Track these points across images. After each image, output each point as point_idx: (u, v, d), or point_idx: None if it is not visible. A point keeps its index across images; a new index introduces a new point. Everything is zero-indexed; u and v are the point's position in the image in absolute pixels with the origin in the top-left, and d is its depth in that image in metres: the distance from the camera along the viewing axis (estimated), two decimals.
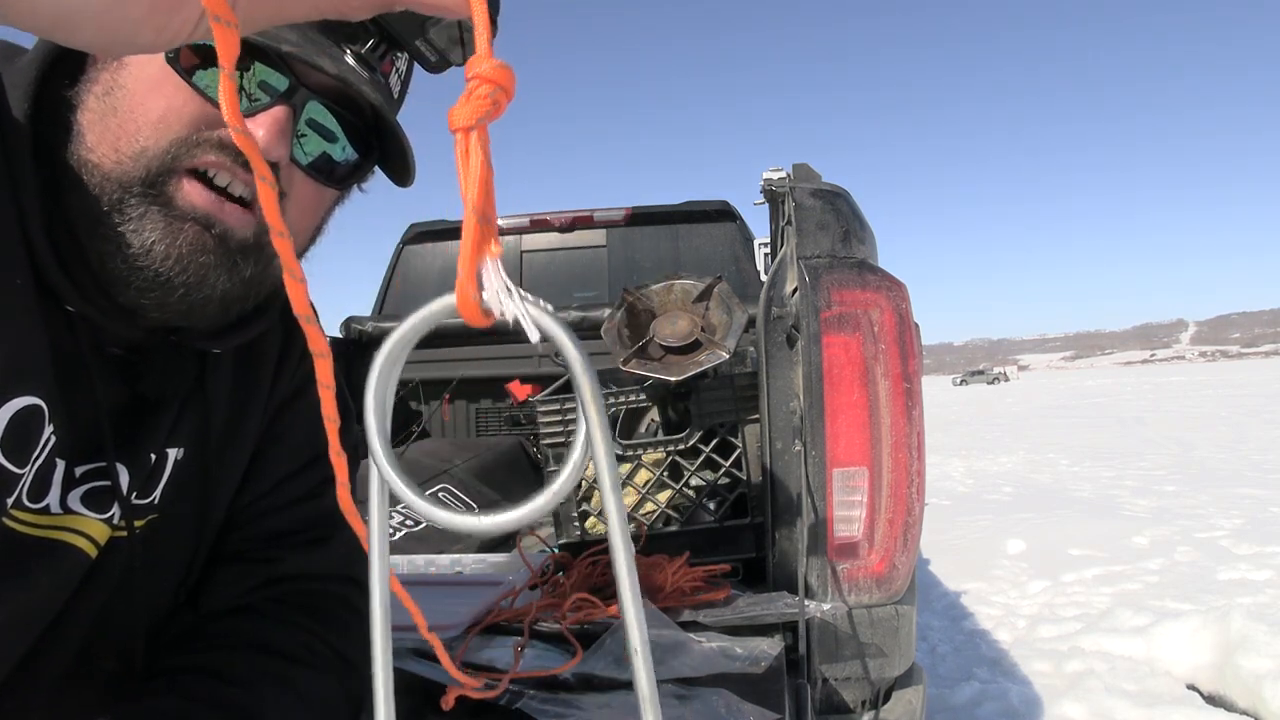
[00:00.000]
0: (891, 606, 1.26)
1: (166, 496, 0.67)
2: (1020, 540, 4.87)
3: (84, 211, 0.54)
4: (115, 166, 0.53)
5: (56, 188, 0.54)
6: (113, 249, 0.54)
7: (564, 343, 0.24)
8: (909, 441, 1.23)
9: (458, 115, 0.22)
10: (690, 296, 1.54)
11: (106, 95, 0.54)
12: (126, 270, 0.54)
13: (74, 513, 0.60)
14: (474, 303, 0.24)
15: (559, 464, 1.60)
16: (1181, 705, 2.49)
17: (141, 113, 0.53)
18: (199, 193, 0.55)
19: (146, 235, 0.54)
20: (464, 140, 0.22)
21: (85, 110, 0.55)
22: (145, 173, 0.53)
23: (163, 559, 0.68)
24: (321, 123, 0.60)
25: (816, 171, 1.39)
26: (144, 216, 0.54)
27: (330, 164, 0.62)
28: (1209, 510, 5.61)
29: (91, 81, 0.56)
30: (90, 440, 0.61)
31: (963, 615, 3.65)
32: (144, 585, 0.66)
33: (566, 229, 3.04)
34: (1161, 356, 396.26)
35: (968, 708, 2.60)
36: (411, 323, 0.26)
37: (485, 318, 0.24)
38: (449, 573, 1.52)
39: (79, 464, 0.60)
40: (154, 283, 0.55)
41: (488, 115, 0.22)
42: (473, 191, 0.23)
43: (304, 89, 0.57)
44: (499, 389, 2.69)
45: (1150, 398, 24.97)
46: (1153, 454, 9.31)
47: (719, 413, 1.48)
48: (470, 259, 0.23)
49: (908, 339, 1.24)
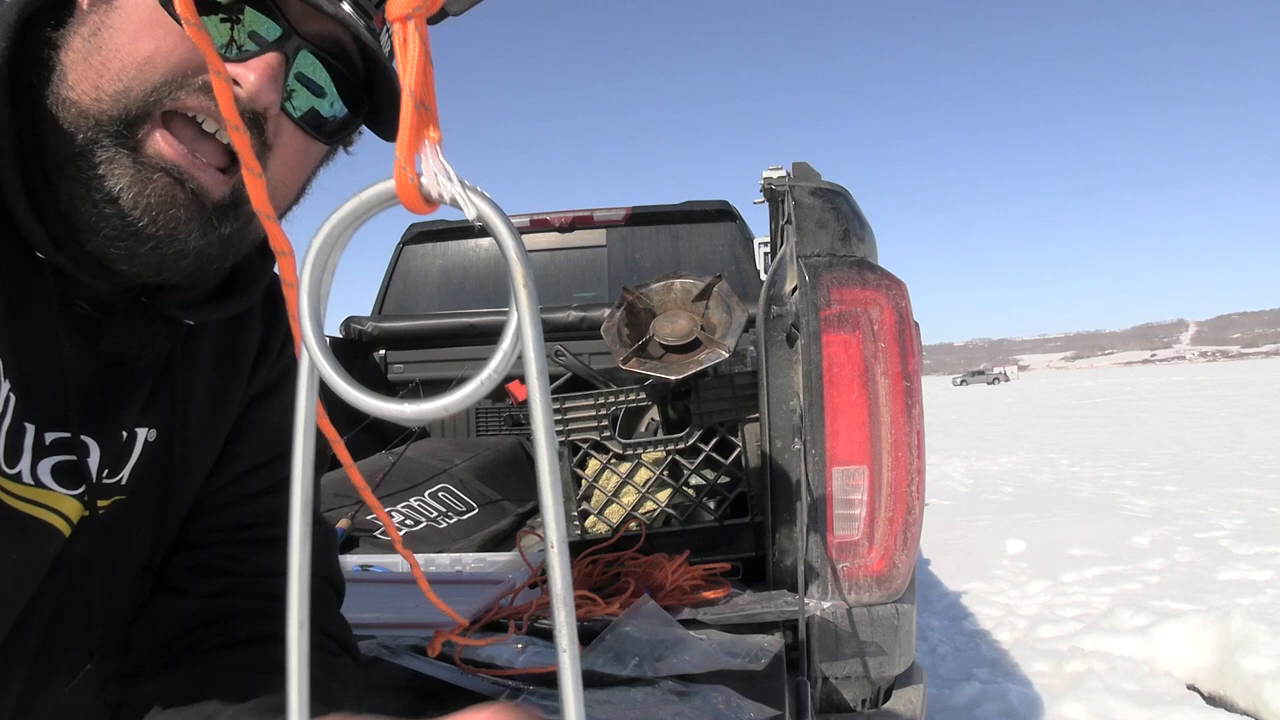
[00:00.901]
0: (891, 605, 1.26)
1: (134, 477, 0.65)
2: (1020, 540, 4.87)
3: (58, 150, 0.53)
4: (93, 104, 0.52)
5: (35, 130, 0.53)
6: (83, 191, 0.53)
7: (497, 225, 0.23)
8: (909, 440, 1.23)
9: (395, 5, 0.22)
10: (690, 295, 1.54)
11: (93, 36, 0.53)
12: (95, 216, 0.53)
13: (45, 486, 0.59)
14: (412, 186, 0.23)
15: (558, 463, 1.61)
16: (1181, 705, 2.49)
17: (129, 52, 0.52)
18: (169, 143, 0.53)
19: (114, 181, 0.52)
20: (402, 29, 0.22)
21: (69, 50, 0.54)
22: (124, 114, 0.52)
23: (127, 543, 0.66)
24: (311, 77, 0.58)
25: (816, 170, 1.39)
26: (113, 161, 0.52)
27: (319, 119, 0.60)
28: (1209, 510, 5.62)
29: (79, 23, 0.54)
30: (56, 405, 0.58)
31: (963, 615, 3.65)
32: (105, 570, 0.64)
33: (566, 229, 3.05)
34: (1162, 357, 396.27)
35: (968, 708, 2.60)
36: (347, 208, 0.25)
37: (425, 204, 0.24)
38: (449, 571, 1.52)
39: (48, 430, 0.58)
40: (123, 231, 0.53)
41: (424, 5, 0.22)
42: (410, 78, 0.23)
43: (297, 36, 0.56)
44: (499, 389, 2.69)
45: (1150, 398, 24.98)
46: (1153, 454, 9.31)
47: (719, 411, 1.48)
48: (409, 144, 0.23)
49: (907, 337, 1.24)
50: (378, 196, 0.25)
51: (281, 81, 0.55)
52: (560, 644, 0.24)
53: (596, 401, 1.53)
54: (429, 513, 1.85)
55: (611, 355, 1.45)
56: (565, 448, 1.56)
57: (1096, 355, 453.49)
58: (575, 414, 1.53)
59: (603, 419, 1.53)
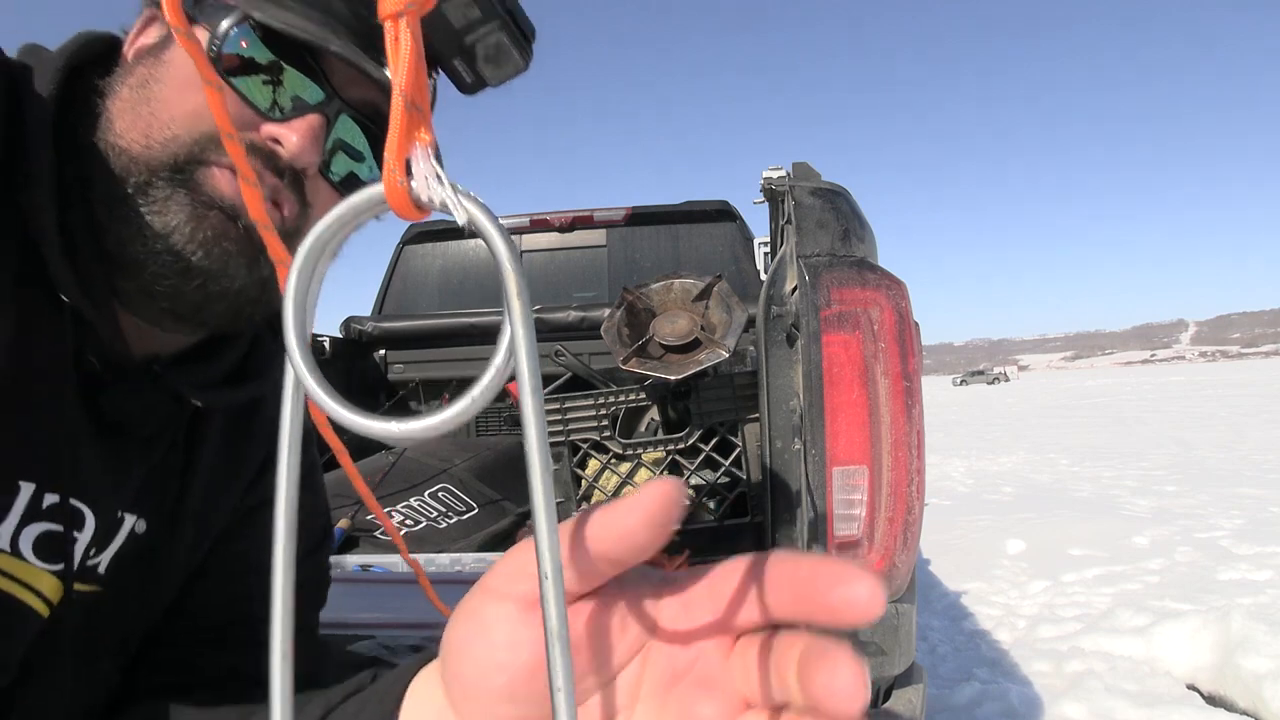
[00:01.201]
0: (891, 605, 1.26)
1: (113, 567, 0.59)
2: (1020, 540, 4.87)
3: (106, 194, 0.53)
4: (143, 151, 0.53)
5: (78, 173, 0.54)
6: (134, 231, 0.53)
7: (489, 231, 0.23)
8: (909, 440, 1.23)
9: (387, 3, 0.22)
10: (690, 295, 1.54)
11: (141, 87, 0.55)
12: (145, 253, 0.53)
13: (22, 558, 0.53)
14: (402, 190, 0.23)
15: (558, 463, 1.60)
16: (1181, 705, 2.49)
17: (177, 104, 0.53)
18: (227, 181, 0.54)
19: (170, 217, 0.53)
20: (394, 27, 0.22)
21: (117, 99, 0.55)
22: (174, 159, 0.53)
23: (98, 635, 0.60)
24: (349, 142, 0.59)
25: (816, 170, 1.39)
26: (170, 199, 0.53)
27: (356, 183, 0.61)
28: (1209, 510, 5.61)
29: (126, 74, 0.56)
30: (55, 463, 0.54)
31: (963, 615, 3.65)
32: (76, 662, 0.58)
33: (566, 229, 3.05)
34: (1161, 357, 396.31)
35: (968, 708, 2.60)
36: (335, 214, 0.24)
37: (416, 209, 0.23)
38: (449, 571, 1.52)
39: (48, 491, 0.53)
40: (172, 267, 0.53)
41: (417, 2, 0.22)
42: (401, 77, 0.22)
43: (338, 100, 0.57)
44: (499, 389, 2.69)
45: (1150, 398, 24.97)
46: (1153, 454, 9.31)
47: (719, 411, 1.48)
48: (399, 146, 0.22)
49: (907, 337, 1.24)
50: (367, 201, 0.24)
51: (322, 143, 0.56)
52: (555, 683, 0.22)
53: (596, 401, 1.53)
54: (429, 513, 1.85)
55: (611, 355, 1.45)
56: (565, 448, 1.56)
57: (1096, 355, 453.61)
58: (575, 414, 1.53)
59: (603, 419, 1.53)
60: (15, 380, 0.51)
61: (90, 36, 0.58)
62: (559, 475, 1.63)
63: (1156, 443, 10.65)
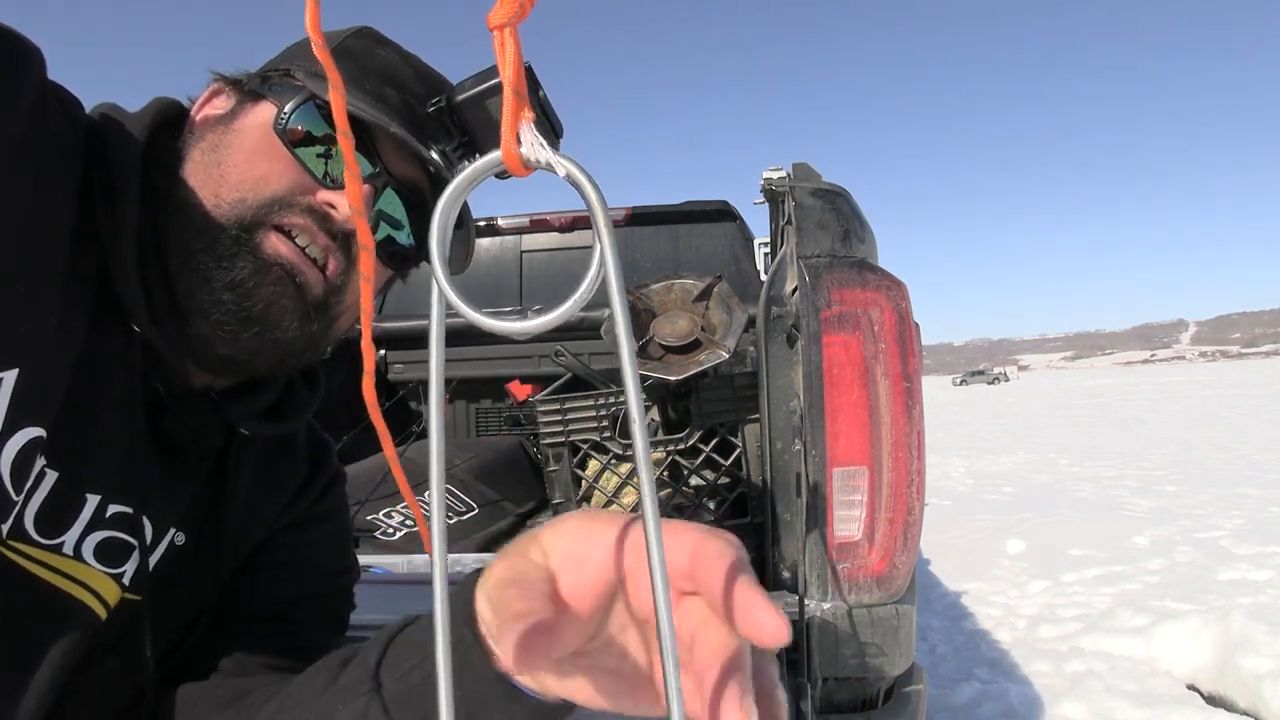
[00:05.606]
0: (892, 606, 1.26)
1: (152, 575, 0.63)
2: (1020, 540, 4.87)
3: (179, 245, 0.59)
4: (214, 209, 0.59)
5: (154, 224, 0.59)
6: (201, 281, 0.58)
7: (583, 182, 0.29)
8: (909, 441, 1.23)
9: (494, 16, 0.28)
10: (690, 296, 1.54)
11: (212, 151, 0.61)
12: (210, 302, 0.59)
13: (85, 562, 0.57)
14: (515, 154, 0.29)
15: (558, 463, 1.60)
16: (1181, 705, 2.49)
17: (245, 169, 0.60)
18: (285, 244, 0.60)
19: (236, 273, 0.59)
20: (499, 36, 0.28)
21: (190, 160, 0.61)
22: (239, 221, 0.59)
23: (135, 637, 0.63)
24: (390, 213, 0.66)
25: (816, 171, 1.39)
26: (235, 256, 0.59)
27: (394, 247, 0.67)
28: (1209, 510, 5.62)
29: (197, 138, 0.62)
30: (121, 478, 0.59)
31: (963, 615, 3.65)
32: (121, 661, 0.62)
33: (566, 229, 3.04)
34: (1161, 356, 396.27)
35: (968, 708, 2.60)
36: (466, 174, 0.31)
37: (525, 168, 0.30)
38: (449, 571, 1.52)
39: (113, 502, 0.58)
40: (233, 316, 0.59)
41: (516, 16, 0.28)
42: (508, 71, 0.28)
43: (386, 174, 0.63)
44: (499, 389, 2.68)
45: (1150, 398, 24.98)
46: (1153, 454, 9.31)
47: (719, 412, 1.48)
48: (511, 123, 0.29)
49: (908, 338, 1.24)
50: (489, 164, 0.30)
51: (369, 211, 0.62)
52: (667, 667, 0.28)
53: (596, 402, 1.53)
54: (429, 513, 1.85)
55: (612, 355, 1.45)
56: (565, 448, 1.56)
57: (1096, 355, 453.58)
58: (575, 414, 1.53)
59: (603, 419, 1.53)
60: (89, 396, 0.56)
61: (167, 102, 0.65)
62: (559, 476, 1.63)
63: (1156, 443, 10.65)
